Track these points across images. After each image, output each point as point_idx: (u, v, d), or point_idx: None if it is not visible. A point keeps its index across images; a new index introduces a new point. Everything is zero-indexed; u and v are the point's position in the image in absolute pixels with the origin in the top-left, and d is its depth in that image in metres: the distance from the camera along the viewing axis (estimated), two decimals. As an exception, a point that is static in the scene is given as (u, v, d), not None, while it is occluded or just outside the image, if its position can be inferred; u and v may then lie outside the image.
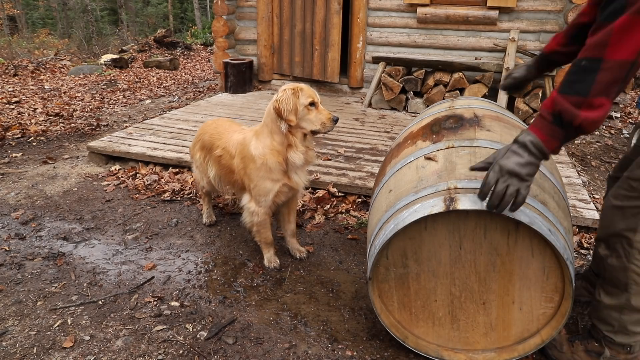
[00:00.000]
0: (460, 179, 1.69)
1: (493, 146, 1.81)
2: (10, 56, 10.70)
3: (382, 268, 1.84)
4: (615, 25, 1.27)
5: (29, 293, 2.39)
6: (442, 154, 1.84)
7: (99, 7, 24.46)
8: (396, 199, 1.81)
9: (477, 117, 1.99)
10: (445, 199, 1.62)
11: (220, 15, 6.56)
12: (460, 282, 1.79)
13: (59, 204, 3.44)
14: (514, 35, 5.36)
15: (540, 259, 1.68)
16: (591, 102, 1.33)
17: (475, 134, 1.88)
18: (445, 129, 1.98)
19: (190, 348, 2.03)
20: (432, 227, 1.71)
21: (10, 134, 5.02)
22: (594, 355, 1.89)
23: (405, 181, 1.85)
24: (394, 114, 5.70)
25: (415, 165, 1.88)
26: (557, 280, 1.71)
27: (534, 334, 1.83)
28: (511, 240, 1.67)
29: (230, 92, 6.57)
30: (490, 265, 1.73)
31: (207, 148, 2.79)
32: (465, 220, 1.66)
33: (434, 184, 1.72)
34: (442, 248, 1.74)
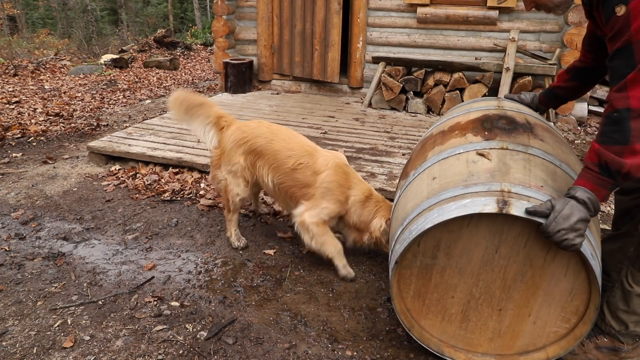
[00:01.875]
0: (515, 183, 1.65)
1: (547, 158, 1.79)
2: (10, 56, 10.70)
3: (410, 254, 1.81)
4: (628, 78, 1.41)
5: (29, 293, 2.39)
6: (496, 153, 1.81)
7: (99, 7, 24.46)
8: (441, 188, 1.76)
9: (530, 124, 1.96)
10: (499, 201, 1.58)
11: (220, 15, 6.56)
12: (483, 285, 1.78)
13: (59, 204, 3.44)
14: (514, 35, 5.36)
15: (571, 280, 1.67)
16: (633, 148, 1.43)
17: (529, 141, 1.85)
18: (498, 128, 1.93)
19: (190, 348, 2.03)
20: (475, 226, 1.68)
21: (10, 134, 5.02)
22: (606, 351, 1.90)
23: (454, 172, 1.80)
24: (394, 114, 5.70)
25: (466, 159, 1.82)
26: (580, 304, 1.71)
27: (539, 349, 1.83)
28: (549, 255, 1.65)
29: (230, 92, 6.57)
30: (519, 275, 1.72)
31: (270, 157, 2.61)
32: (510, 225, 1.64)
33: (487, 182, 1.68)
34: (477, 248, 1.72)
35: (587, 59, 2.02)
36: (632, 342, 1.89)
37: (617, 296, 1.86)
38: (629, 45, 1.41)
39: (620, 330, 1.87)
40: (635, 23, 1.39)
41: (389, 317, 2.26)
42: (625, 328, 1.86)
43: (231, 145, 2.69)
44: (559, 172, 1.76)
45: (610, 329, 1.89)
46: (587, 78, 2.09)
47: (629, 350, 1.89)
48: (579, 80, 2.10)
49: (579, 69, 2.08)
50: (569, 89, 2.14)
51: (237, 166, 2.68)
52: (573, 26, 5.26)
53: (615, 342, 1.90)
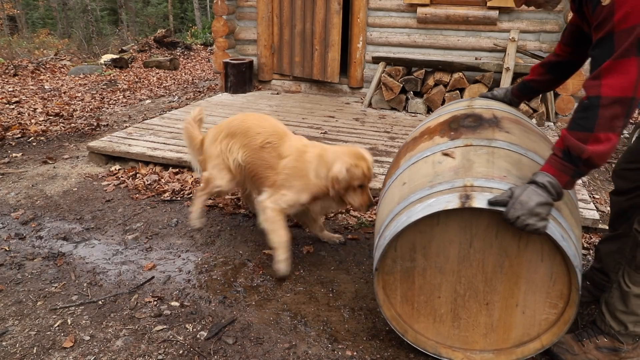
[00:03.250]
0: (477, 177, 1.68)
1: (511, 148, 1.80)
2: (10, 56, 10.70)
3: (389, 260, 1.84)
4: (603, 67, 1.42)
5: (29, 293, 2.39)
6: (460, 151, 1.84)
7: (99, 7, 24.46)
8: (410, 192, 1.79)
9: (497, 118, 1.98)
10: (461, 196, 1.61)
11: (220, 15, 6.56)
12: (466, 281, 1.79)
13: (59, 204, 3.44)
14: (514, 35, 5.36)
15: (549, 264, 1.68)
16: (597, 136, 1.44)
17: (493, 135, 1.87)
18: (463, 127, 1.96)
19: (190, 348, 2.03)
20: (445, 223, 1.71)
21: (10, 134, 5.02)
22: (606, 351, 1.90)
23: (421, 175, 1.84)
24: (394, 114, 5.70)
25: (432, 160, 1.86)
26: (563, 287, 1.71)
27: (534, 339, 1.83)
28: (522, 243, 1.66)
29: (230, 92, 6.57)
30: (498, 266, 1.73)
31: (241, 134, 2.62)
32: (478, 218, 1.66)
33: (450, 179, 1.71)
34: (451, 245, 1.74)
35: (565, 52, 2.03)
36: (632, 342, 1.89)
37: (615, 297, 1.86)
38: (610, 35, 1.42)
39: (620, 331, 1.87)
40: (619, 13, 1.39)
41: (389, 317, 2.27)
42: (625, 328, 1.86)
43: (210, 144, 2.75)
44: (525, 160, 1.77)
45: (609, 329, 1.89)
46: (562, 72, 2.10)
47: (629, 350, 1.89)
48: (555, 74, 2.11)
49: (554, 63, 2.08)
50: (543, 82, 2.15)
51: (219, 159, 2.69)
52: (573, 26, 5.26)
53: (615, 342, 1.90)
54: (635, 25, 1.37)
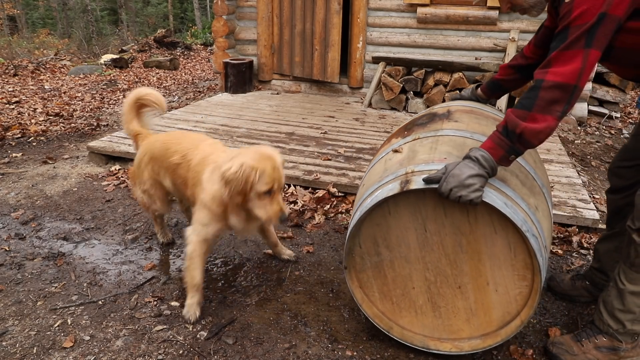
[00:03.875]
0: (419, 163, 1.75)
1: (457, 134, 1.87)
2: (10, 56, 10.70)
3: (357, 257, 1.89)
4: (552, 56, 1.53)
5: (29, 293, 2.39)
6: (408, 145, 1.94)
7: (99, 7, 24.46)
8: (365, 190, 1.89)
9: (449, 112, 2.08)
10: (402, 182, 1.68)
11: (220, 15, 6.56)
12: (432, 267, 1.81)
13: (59, 204, 3.44)
14: (514, 35, 5.36)
15: (503, 235, 1.68)
16: (534, 116, 1.53)
17: (441, 126, 1.96)
18: (416, 125, 2.08)
19: (190, 348, 2.03)
20: (396, 212, 1.75)
21: (10, 134, 5.02)
22: (606, 351, 1.90)
23: (374, 174, 1.94)
24: (394, 114, 5.70)
25: (384, 159, 1.98)
26: (525, 256, 1.70)
27: (514, 317, 1.82)
28: (471, 217, 1.68)
29: (230, 92, 6.57)
30: (457, 246, 1.74)
31: (160, 157, 2.38)
32: (424, 201, 1.70)
33: (395, 171, 1.79)
34: (408, 232, 1.77)
35: (534, 55, 2.08)
36: (631, 340, 1.89)
37: (612, 295, 1.86)
38: (566, 28, 1.51)
39: (618, 329, 1.87)
40: (577, 11, 1.48)
41: (389, 317, 2.27)
42: (623, 327, 1.86)
43: (138, 162, 2.54)
44: (469, 142, 1.83)
45: (608, 328, 1.89)
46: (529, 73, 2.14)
47: (628, 349, 1.90)
48: (522, 74, 2.17)
49: (524, 66, 2.14)
50: (513, 81, 2.21)
51: (147, 184, 2.51)
52: (573, 26, 5.26)
53: (614, 341, 1.90)
54: (586, 23, 1.46)
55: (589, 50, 1.47)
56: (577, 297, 2.36)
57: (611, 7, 1.45)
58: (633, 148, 2.05)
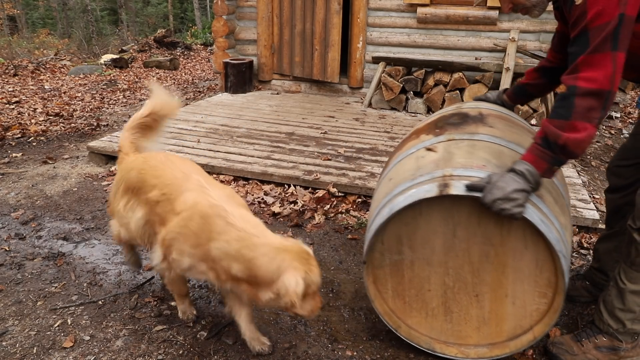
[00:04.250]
0: (456, 167, 1.71)
1: (493, 140, 1.82)
2: (10, 56, 10.70)
3: (377, 253, 1.85)
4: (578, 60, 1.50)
5: (29, 293, 2.39)
6: (442, 145, 1.87)
7: (99, 7, 24.46)
8: (394, 186, 1.83)
9: (482, 115, 2.01)
10: (440, 185, 1.64)
11: (220, 15, 6.56)
12: (453, 272, 1.79)
13: (59, 204, 3.44)
14: (514, 35, 5.36)
15: (533, 251, 1.67)
16: (573, 125, 1.50)
17: (477, 129, 1.90)
18: (448, 124, 2.00)
19: (190, 348, 2.03)
20: (427, 214, 1.72)
21: (10, 134, 5.02)
22: (606, 351, 1.90)
23: (404, 170, 1.87)
24: (394, 114, 5.70)
25: (416, 156, 1.91)
26: (550, 275, 1.70)
27: (526, 331, 1.82)
28: (504, 230, 1.67)
29: (230, 92, 6.57)
30: (483, 255, 1.73)
31: (136, 188, 2.03)
32: (459, 207, 1.67)
33: (431, 171, 1.74)
34: (436, 235, 1.75)
35: (556, 59, 2.07)
36: (631, 340, 1.89)
37: (612, 294, 1.86)
38: (585, 31, 1.48)
39: (618, 329, 1.87)
40: (591, 12, 1.46)
41: (389, 317, 2.27)
42: (623, 326, 1.86)
43: (114, 191, 2.17)
44: (506, 151, 1.80)
45: (608, 327, 1.89)
46: (555, 76, 2.14)
47: (628, 349, 1.90)
48: (548, 79, 2.15)
49: (548, 68, 2.12)
50: (538, 86, 2.19)
51: (124, 219, 2.10)
52: (573, 26, 5.26)
53: (614, 341, 1.90)
54: (608, 22, 1.44)
55: (616, 53, 1.45)
56: (577, 297, 2.36)
57: (627, 8, 1.44)
58: (632, 147, 2.06)
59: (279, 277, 1.65)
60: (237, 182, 3.74)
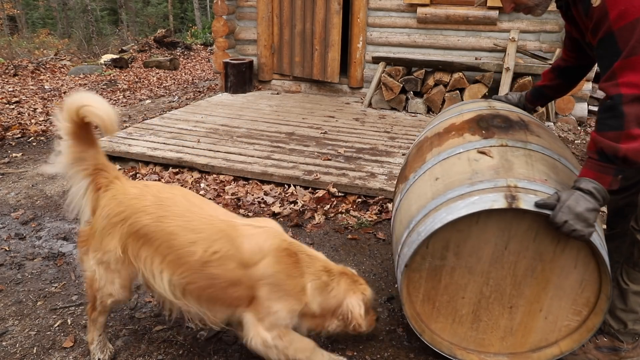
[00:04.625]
0: (520, 178, 1.65)
1: (545, 152, 1.79)
2: (10, 56, 10.71)
3: (418, 257, 1.78)
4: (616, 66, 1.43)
5: (29, 293, 2.39)
6: (496, 150, 1.80)
7: (99, 7, 24.46)
8: (446, 188, 1.74)
9: (524, 122, 1.97)
10: (507, 196, 1.58)
11: (220, 15, 6.56)
12: (494, 283, 1.76)
13: (59, 204, 3.44)
14: (514, 35, 5.36)
15: (581, 271, 1.67)
16: (629, 133, 1.43)
17: (526, 137, 1.86)
18: (494, 126, 1.93)
19: (190, 348, 2.03)
20: (484, 223, 1.66)
21: (10, 134, 5.02)
22: (606, 351, 1.90)
23: (456, 171, 1.78)
24: (394, 114, 5.70)
25: (467, 157, 1.81)
26: (590, 295, 1.70)
27: (551, 344, 1.82)
28: (559, 248, 1.65)
29: (230, 92, 6.57)
30: (529, 270, 1.71)
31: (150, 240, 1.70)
32: (519, 220, 1.63)
33: (492, 178, 1.67)
34: (487, 245, 1.70)
35: (571, 58, 2.05)
36: (632, 341, 1.89)
37: (614, 295, 1.86)
38: (610, 34, 1.44)
39: (620, 329, 1.87)
40: (613, 12, 1.42)
41: (389, 317, 2.26)
42: (624, 327, 1.86)
43: (104, 223, 1.76)
44: (559, 166, 1.77)
45: (609, 328, 1.89)
46: (572, 76, 2.12)
47: (629, 350, 1.89)
48: (564, 79, 2.13)
49: (563, 67, 2.10)
50: (555, 87, 2.17)
51: (111, 255, 1.75)
52: (573, 26, 5.26)
53: (615, 341, 1.90)
54: (634, 21, 1.40)
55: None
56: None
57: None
58: None
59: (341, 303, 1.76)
60: (237, 182, 3.74)
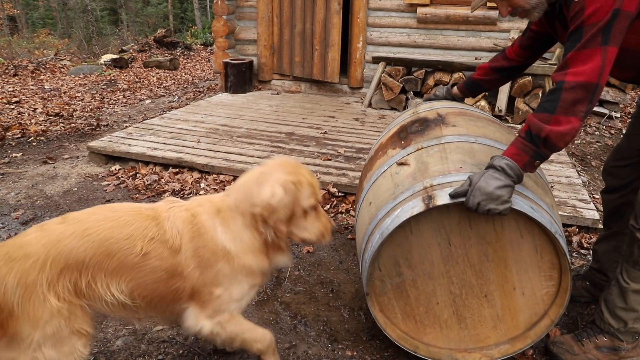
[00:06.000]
0: (435, 176, 1.69)
1: (460, 139, 1.83)
2: (10, 56, 10.71)
3: (377, 281, 1.81)
4: (568, 56, 1.51)
5: (29, 293, 2.39)
6: (413, 156, 1.85)
7: (99, 7, 24.47)
8: (377, 209, 1.79)
9: (441, 116, 2.02)
10: (424, 198, 1.62)
11: (220, 15, 6.56)
12: (457, 280, 1.78)
13: (59, 204, 3.44)
14: (514, 35, 5.36)
15: (529, 238, 1.67)
16: (557, 118, 1.49)
17: (441, 132, 1.90)
18: (412, 133, 1.99)
19: (190, 348, 2.03)
20: (417, 230, 1.70)
21: (10, 134, 5.02)
22: (606, 351, 1.90)
23: (383, 190, 1.84)
24: (394, 114, 5.70)
25: (390, 173, 1.87)
26: (552, 257, 1.70)
27: (542, 317, 1.82)
28: (497, 226, 1.66)
29: (230, 92, 6.57)
30: (483, 255, 1.72)
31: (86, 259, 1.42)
32: (448, 216, 1.66)
33: (410, 186, 1.71)
34: (431, 248, 1.73)
35: (519, 57, 2.09)
36: (632, 340, 1.89)
37: (614, 294, 1.86)
38: (580, 28, 1.49)
39: (619, 329, 1.87)
40: (589, 9, 1.46)
41: (389, 317, 2.27)
42: (624, 325, 1.86)
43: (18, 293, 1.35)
44: (477, 147, 1.80)
45: (609, 327, 1.89)
46: (510, 74, 2.19)
47: (629, 349, 1.90)
48: (503, 75, 2.19)
49: (505, 67, 2.14)
50: (492, 81, 2.23)
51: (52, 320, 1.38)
52: (573, 26, 5.26)
53: (615, 340, 1.90)
54: (601, 20, 1.45)
55: (606, 48, 1.45)
56: (577, 297, 2.36)
57: (624, 3, 1.44)
58: (627, 147, 2.06)
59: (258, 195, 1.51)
60: (237, 182, 3.74)
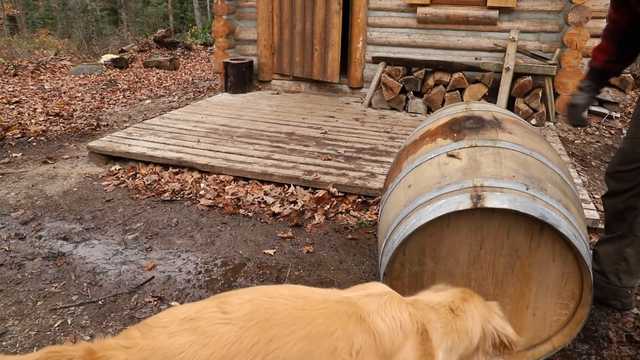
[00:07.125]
0: (487, 177, 1.66)
1: (516, 148, 1.80)
2: (10, 56, 10.70)
3: (397, 264, 1.80)
4: None
5: (29, 293, 2.39)
6: (466, 152, 1.82)
7: (99, 7, 24.46)
8: (417, 194, 1.76)
9: (497, 120, 1.98)
10: (472, 196, 1.59)
11: (220, 15, 6.56)
12: (475, 284, 1.76)
13: (59, 204, 3.44)
14: (514, 35, 5.36)
15: (560, 264, 1.67)
16: None
17: (497, 135, 1.86)
18: (466, 128, 1.95)
19: None
20: (455, 225, 1.68)
21: (10, 134, 5.02)
22: None
23: (427, 177, 1.80)
24: (394, 114, 5.70)
25: (437, 162, 1.84)
26: (574, 287, 1.70)
27: (544, 341, 1.81)
28: (534, 243, 1.65)
29: (230, 92, 6.57)
30: (509, 267, 1.71)
31: None
32: (489, 219, 1.64)
33: (459, 180, 1.69)
34: (462, 247, 1.71)
35: (623, 17, 1.92)
36: None
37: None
38: None
39: None
40: None
41: (389, 317, 2.26)
42: None
43: None
44: (531, 160, 1.78)
45: None
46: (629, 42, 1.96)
47: None
48: (623, 47, 1.99)
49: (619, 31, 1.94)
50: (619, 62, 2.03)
51: None
52: (573, 26, 5.26)
53: None
54: None
55: None
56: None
57: None
58: (631, 151, 2.05)
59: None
60: (237, 182, 3.74)
